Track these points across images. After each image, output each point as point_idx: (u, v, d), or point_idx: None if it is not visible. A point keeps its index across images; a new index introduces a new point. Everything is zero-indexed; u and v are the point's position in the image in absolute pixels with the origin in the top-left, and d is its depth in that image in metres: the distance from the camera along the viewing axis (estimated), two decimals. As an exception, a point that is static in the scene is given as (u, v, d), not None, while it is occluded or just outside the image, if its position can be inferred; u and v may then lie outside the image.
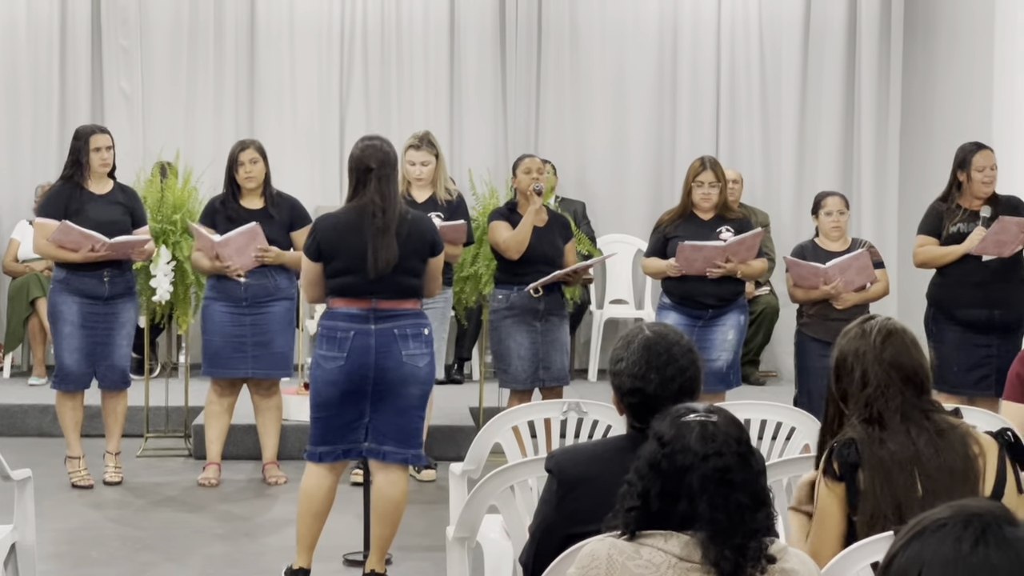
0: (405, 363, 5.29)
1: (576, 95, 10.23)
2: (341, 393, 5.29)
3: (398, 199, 5.35)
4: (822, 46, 10.27)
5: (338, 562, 5.93)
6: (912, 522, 1.91)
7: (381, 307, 5.29)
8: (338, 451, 5.37)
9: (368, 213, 5.26)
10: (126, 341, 7.17)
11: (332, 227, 5.33)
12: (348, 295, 5.30)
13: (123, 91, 9.93)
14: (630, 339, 3.24)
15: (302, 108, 10.11)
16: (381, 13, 10.15)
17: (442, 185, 7.29)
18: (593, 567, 2.57)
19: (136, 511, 6.79)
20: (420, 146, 7.29)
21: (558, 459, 3.26)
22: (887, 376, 3.28)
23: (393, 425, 5.34)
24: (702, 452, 2.59)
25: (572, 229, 7.56)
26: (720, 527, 2.53)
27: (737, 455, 2.61)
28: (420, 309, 5.43)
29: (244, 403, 7.45)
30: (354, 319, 5.28)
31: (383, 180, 5.29)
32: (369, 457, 5.41)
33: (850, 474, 3.20)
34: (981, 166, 6.98)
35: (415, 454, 5.42)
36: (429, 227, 5.45)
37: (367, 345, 5.26)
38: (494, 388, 8.47)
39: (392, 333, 5.28)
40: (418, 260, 5.35)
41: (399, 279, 5.29)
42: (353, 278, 5.27)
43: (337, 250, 5.28)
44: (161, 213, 7.72)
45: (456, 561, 4.05)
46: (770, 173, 10.34)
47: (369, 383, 5.28)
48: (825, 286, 7.02)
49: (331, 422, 5.34)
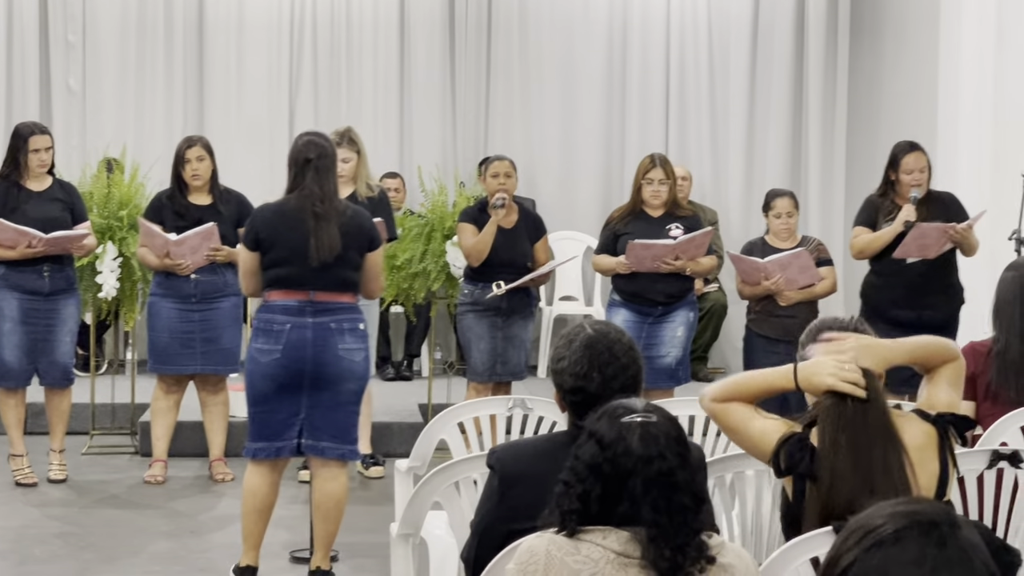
0: (342, 357, 5.28)
1: (525, 92, 10.25)
2: (277, 387, 5.28)
3: (337, 192, 5.36)
4: (770, 44, 10.34)
5: (284, 559, 5.92)
6: (860, 526, 1.90)
7: (318, 299, 5.28)
8: (272, 448, 5.35)
9: (308, 203, 5.26)
10: (68, 338, 7.12)
11: (270, 216, 5.33)
12: (285, 287, 5.29)
13: (69, 87, 9.86)
14: (571, 337, 3.25)
15: (250, 103, 10.07)
16: (331, 8, 10.13)
17: (363, 182, 7.28)
18: (532, 563, 2.58)
19: (81, 509, 6.74)
20: (341, 143, 7.27)
21: (500, 455, 3.26)
22: None
23: (329, 420, 5.33)
24: (645, 455, 2.59)
25: (544, 226, 7.55)
26: (662, 528, 2.54)
27: (678, 455, 2.63)
28: (356, 304, 5.43)
29: (191, 400, 7.41)
30: (290, 312, 5.26)
31: (321, 171, 5.29)
32: (307, 453, 5.39)
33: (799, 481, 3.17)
34: (910, 168, 6.94)
35: (351, 449, 5.42)
36: (368, 222, 5.45)
37: (304, 338, 5.25)
38: (443, 384, 8.49)
39: (329, 327, 5.27)
40: (356, 253, 5.34)
41: (337, 271, 5.29)
42: (290, 269, 5.27)
43: (275, 240, 5.28)
44: (107, 209, 7.67)
45: (400, 558, 4.05)
46: (718, 171, 10.40)
47: (306, 377, 5.27)
48: (766, 282, 7.07)
49: (267, 418, 5.33)
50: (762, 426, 3.24)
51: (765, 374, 3.32)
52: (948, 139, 8.72)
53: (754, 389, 3.29)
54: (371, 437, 7.58)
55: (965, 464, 3.76)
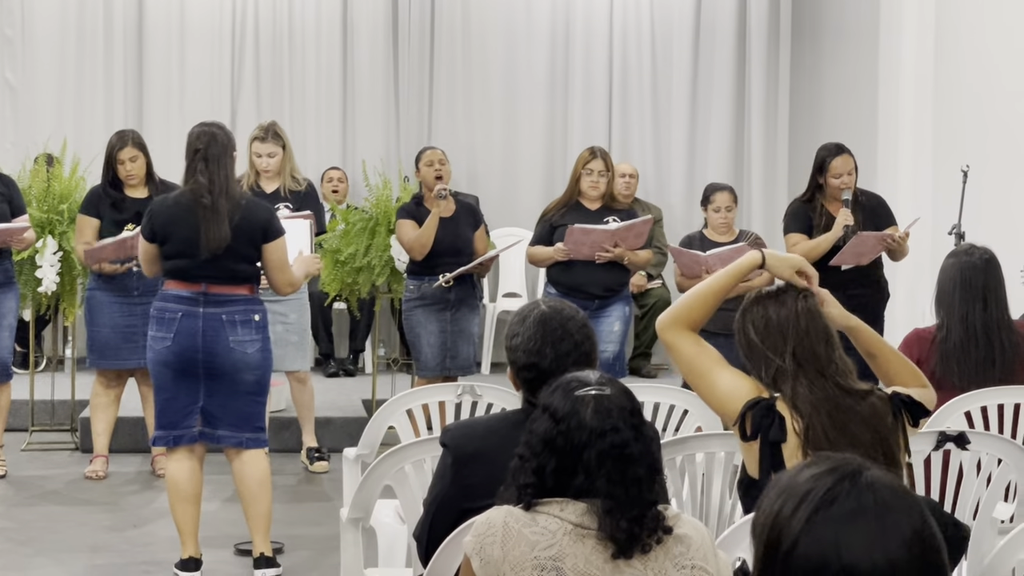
0: (233, 349, 5.28)
1: (468, 90, 10.25)
2: (173, 374, 5.29)
3: (230, 183, 5.29)
4: (712, 45, 10.40)
5: (229, 551, 5.87)
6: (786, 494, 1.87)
7: (212, 291, 5.29)
8: (171, 436, 5.36)
9: (197, 195, 5.24)
10: (7, 332, 7.01)
11: (165, 209, 5.33)
12: (180, 278, 5.30)
13: (8, 81, 9.74)
14: (525, 314, 3.25)
15: (191, 100, 9.99)
16: (273, 8, 10.08)
17: (289, 175, 7.25)
18: (489, 534, 2.57)
19: (20, 504, 6.65)
20: (266, 138, 7.26)
21: (453, 433, 3.25)
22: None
23: (227, 409, 5.34)
24: (599, 428, 2.59)
25: (481, 215, 7.54)
26: (618, 500, 2.54)
27: (632, 427, 2.62)
28: (253, 296, 5.40)
29: (130, 396, 7.34)
30: (183, 301, 5.28)
31: (210, 161, 5.26)
32: (204, 442, 5.39)
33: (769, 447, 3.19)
34: (838, 172, 6.76)
35: (250, 437, 5.40)
36: (263, 214, 5.39)
37: (194, 328, 5.26)
38: (387, 380, 8.46)
39: (220, 319, 5.27)
40: (250, 246, 5.31)
41: (230, 264, 5.28)
42: (184, 261, 5.27)
43: (169, 233, 5.28)
44: (47, 203, 7.57)
45: (350, 543, 4.02)
46: (661, 169, 10.44)
47: (199, 367, 5.28)
48: (706, 275, 7.07)
49: (166, 406, 5.35)
50: (730, 383, 3.25)
51: (725, 269, 3.37)
52: (888, 136, 8.80)
53: (720, 284, 3.34)
54: (315, 432, 7.55)
55: (913, 446, 3.80)
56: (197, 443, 5.39)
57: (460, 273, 7.13)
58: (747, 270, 3.41)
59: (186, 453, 5.39)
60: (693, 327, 3.36)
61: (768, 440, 3.19)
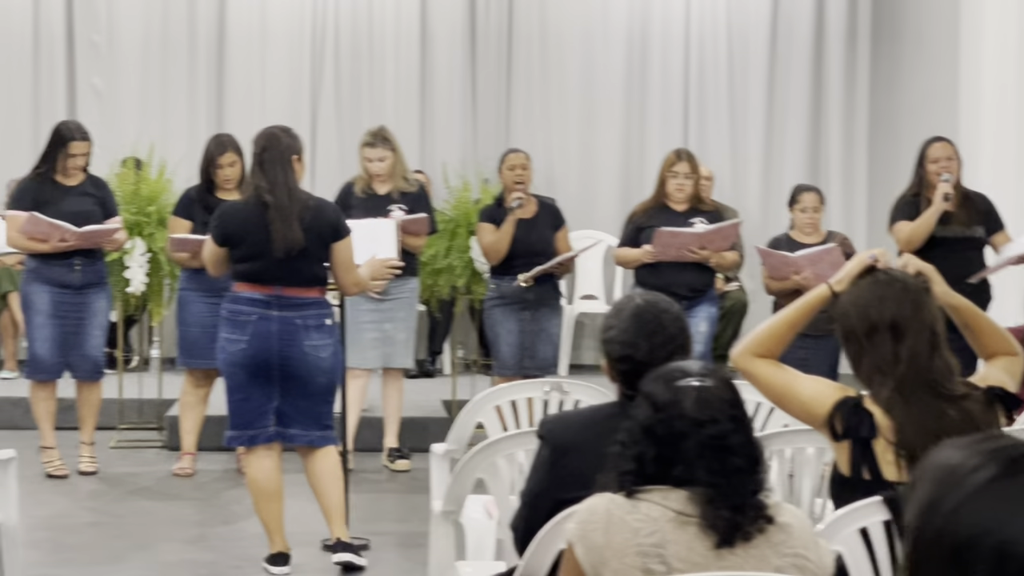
0: (308, 353, 5.35)
1: (546, 93, 10.29)
2: (247, 375, 5.37)
3: (291, 183, 5.34)
4: (789, 47, 10.37)
5: (316, 547, 5.95)
6: (947, 468, 1.78)
7: (285, 294, 5.35)
8: (245, 436, 5.47)
9: (260, 197, 5.32)
10: (99, 331, 7.15)
11: (234, 214, 5.42)
12: (252, 280, 5.37)
13: (94, 87, 9.92)
14: (621, 307, 3.30)
15: (272, 105, 10.09)
16: (353, 14, 10.17)
17: (401, 177, 7.34)
18: (592, 521, 2.62)
19: (112, 500, 6.79)
20: (375, 143, 7.36)
21: (550, 426, 3.31)
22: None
23: (299, 410, 5.43)
24: (698, 419, 2.63)
25: (563, 217, 7.58)
26: (719, 490, 2.57)
27: (732, 419, 2.66)
28: (324, 298, 5.47)
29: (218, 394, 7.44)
30: (257, 304, 5.35)
31: (267, 164, 5.33)
32: (278, 441, 5.48)
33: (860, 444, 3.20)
34: (936, 157, 6.90)
35: (320, 435, 5.49)
36: (332, 213, 5.47)
37: (269, 331, 5.33)
38: (467, 381, 8.53)
39: (295, 323, 5.34)
40: (322, 246, 5.37)
41: (303, 266, 5.35)
42: (257, 264, 5.34)
43: (240, 236, 5.36)
44: (135, 205, 7.72)
45: (441, 536, 4.08)
46: (738, 172, 10.43)
47: (274, 369, 5.36)
48: (795, 277, 7.09)
49: (240, 406, 5.45)
50: (813, 389, 3.27)
51: (794, 303, 3.39)
52: (970, 140, 8.74)
53: (792, 318, 3.35)
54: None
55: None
56: (273, 442, 5.48)
57: (537, 273, 7.19)
58: (818, 304, 3.41)
59: (265, 452, 5.49)
60: (769, 357, 3.40)
61: (859, 438, 3.22)
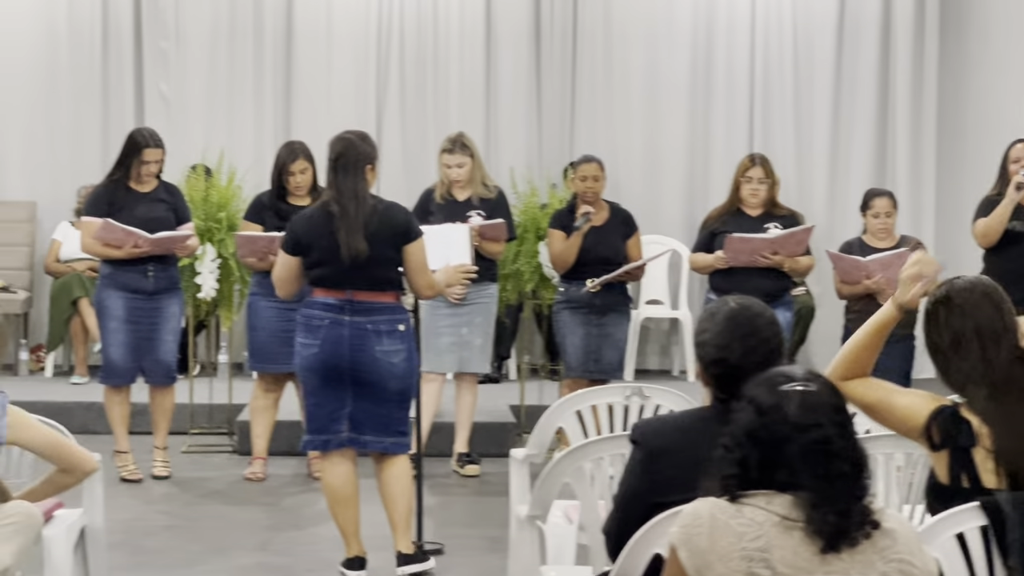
0: (379, 359, 5.35)
1: (610, 96, 10.26)
2: (320, 380, 5.39)
3: (360, 190, 5.34)
4: (856, 44, 10.27)
5: (391, 551, 5.95)
6: None
7: (357, 299, 5.35)
8: (319, 440, 5.48)
9: (327, 205, 5.36)
10: (171, 336, 7.21)
11: (304, 221, 5.45)
12: (325, 285, 5.39)
13: (162, 93, 9.99)
14: (714, 311, 3.29)
15: (338, 110, 10.12)
16: (418, 16, 10.20)
17: (480, 183, 7.36)
18: (696, 525, 2.61)
19: (185, 504, 6.84)
20: (453, 149, 7.38)
21: (643, 429, 3.30)
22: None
23: (372, 416, 5.42)
24: (802, 423, 2.62)
25: (635, 224, 7.56)
26: (823, 495, 2.56)
27: (836, 424, 2.64)
28: (398, 303, 5.46)
29: (288, 399, 7.49)
30: (329, 308, 5.36)
31: (339, 172, 5.36)
32: (351, 446, 5.48)
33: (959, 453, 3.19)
34: (1016, 157, 7.00)
35: (393, 442, 5.48)
36: (401, 216, 5.46)
37: (340, 335, 5.33)
38: (534, 386, 8.52)
39: (366, 328, 5.34)
40: (391, 249, 5.37)
41: (373, 270, 5.35)
42: (328, 269, 5.36)
43: (310, 243, 5.38)
44: (206, 211, 7.78)
45: (527, 541, 4.08)
46: (803, 174, 10.35)
47: (345, 374, 5.36)
48: (867, 281, 7.05)
49: (315, 411, 5.47)
50: (908, 402, 3.26)
51: (865, 325, 3.39)
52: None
53: (866, 342, 3.36)
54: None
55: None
56: (347, 447, 5.49)
57: (604, 281, 7.19)
58: (888, 324, 3.42)
59: (339, 457, 5.49)
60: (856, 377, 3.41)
61: (958, 447, 3.20)
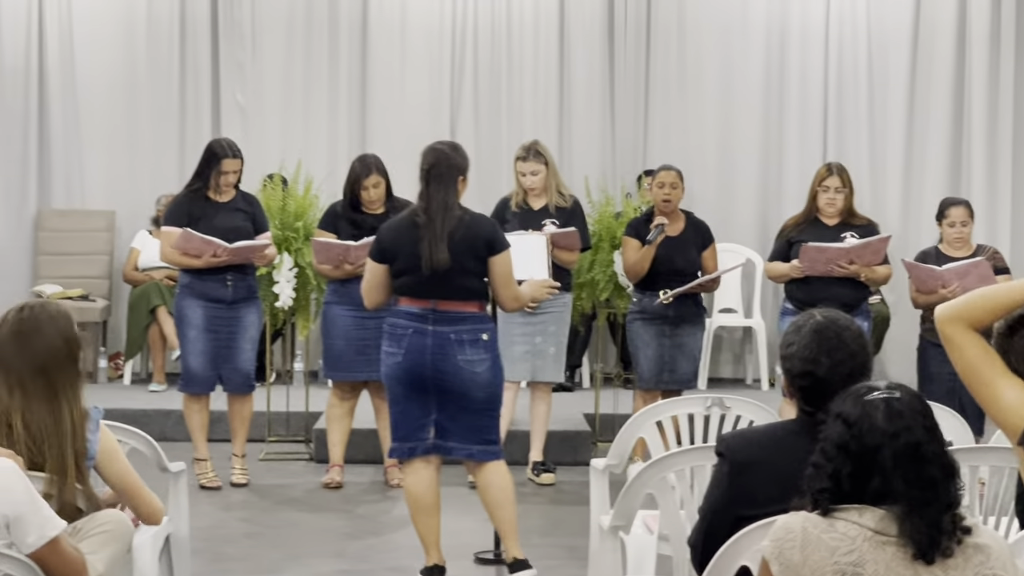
0: (462, 368, 5.36)
1: (683, 104, 10.26)
2: (404, 388, 5.42)
3: (449, 201, 5.38)
4: (931, 52, 10.20)
5: (469, 560, 6.01)
6: None
7: (441, 308, 5.38)
8: (405, 448, 5.50)
9: (414, 215, 5.41)
10: (250, 345, 7.29)
11: (389, 232, 5.50)
12: (410, 294, 5.42)
13: (238, 103, 10.11)
14: (801, 324, 3.29)
15: (412, 119, 10.19)
16: (491, 24, 10.23)
17: (555, 191, 7.37)
18: (788, 539, 2.62)
19: (264, 511, 6.91)
20: (527, 157, 7.40)
21: (729, 442, 3.31)
22: None
23: (458, 423, 5.44)
24: (891, 430, 2.64)
25: (711, 235, 7.55)
26: (915, 502, 2.57)
27: (925, 428, 2.66)
28: (482, 313, 5.48)
29: (364, 407, 7.54)
30: (414, 318, 5.39)
31: (431, 182, 5.41)
32: (438, 454, 5.51)
33: None
34: None
35: (481, 449, 5.49)
36: (486, 228, 5.48)
37: (423, 344, 5.36)
38: (608, 395, 8.53)
39: (448, 337, 5.36)
40: (475, 260, 5.39)
41: (456, 281, 5.37)
42: (411, 278, 5.39)
43: (395, 252, 5.42)
44: (283, 221, 7.86)
45: (609, 551, 4.09)
46: (877, 182, 10.30)
47: (429, 382, 5.39)
48: (943, 290, 7.00)
49: (400, 419, 5.50)
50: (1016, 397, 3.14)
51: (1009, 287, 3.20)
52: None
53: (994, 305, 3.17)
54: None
55: None
56: (432, 454, 5.53)
57: (678, 293, 7.17)
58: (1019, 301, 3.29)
59: (422, 464, 5.52)
60: (974, 327, 3.29)
61: None
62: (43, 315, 3.80)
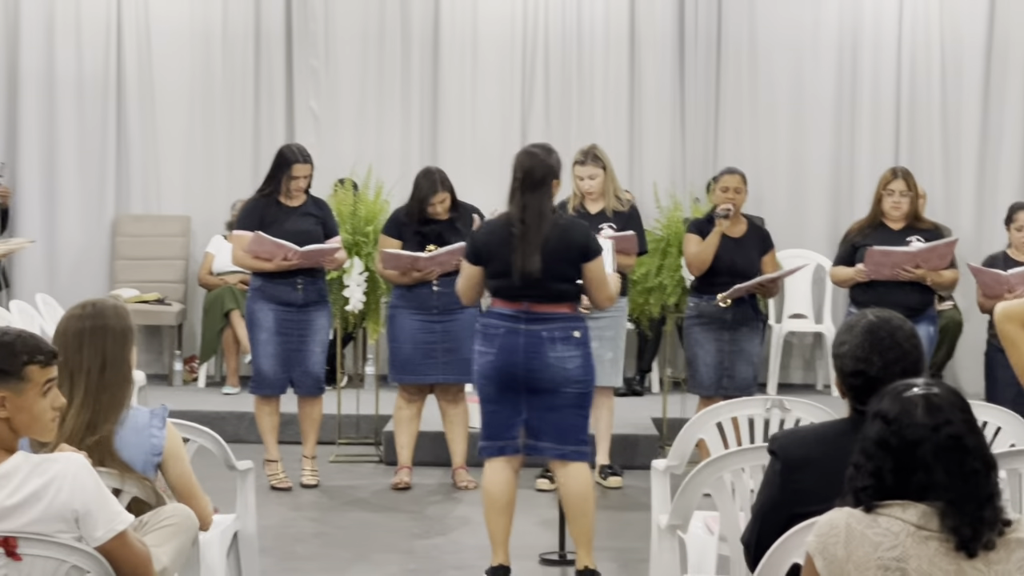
0: (552, 364, 5.40)
1: (754, 109, 10.24)
2: (495, 388, 5.48)
3: (544, 208, 5.42)
4: (1004, 60, 10.12)
5: (534, 561, 6.06)
6: None
7: (534, 310, 5.44)
8: (494, 447, 5.55)
9: (508, 223, 5.45)
10: (320, 348, 7.38)
11: (484, 236, 5.58)
12: (503, 297, 5.49)
13: (312, 110, 10.24)
14: (853, 323, 3.31)
15: (483, 126, 10.27)
16: (562, 33, 10.27)
17: (613, 195, 7.39)
18: (832, 535, 2.65)
19: (333, 511, 7.00)
20: (585, 161, 7.42)
21: (781, 441, 3.33)
22: None
23: (547, 423, 5.47)
24: (931, 423, 2.67)
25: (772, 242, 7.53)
26: (958, 494, 2.59)
27: (965, 422, 2.70)
28: (574, 313, 5.52)
29: (430, 411, 7.62)
30: (506, 319, 5.46)
31: (524, 190, 5.43)
32: (528, 454, 5.56)
33: None
34: None
35: (573, 450, 5.52)
36: (580, 233, 5.51)
37: (515, 343, 5.42)
38: (677, 399, 8.55)
39: (540, 335, 5.41)
40: (568, 266, 5.43)
41: (549, 285, 5.42)
42: (504, 281, 5.46)
43: (489, 256, 5.49)
44: (353, 225, 7.96)
45: (667, 550, 4.13)
46: (950, 188, 10.23)
47: (520, 382, 5.43)
48: (1009, 295, 6.95)
49: (490, 418, 5.55)
50: None
51: None
52: None
53: None
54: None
55: None
56: (518, 454, 5.58)
57: (735, 294, 7.13)
58: None
59: (503, 464, 5.57)
60: None
61: None
62: (107, 310, 3.91)
